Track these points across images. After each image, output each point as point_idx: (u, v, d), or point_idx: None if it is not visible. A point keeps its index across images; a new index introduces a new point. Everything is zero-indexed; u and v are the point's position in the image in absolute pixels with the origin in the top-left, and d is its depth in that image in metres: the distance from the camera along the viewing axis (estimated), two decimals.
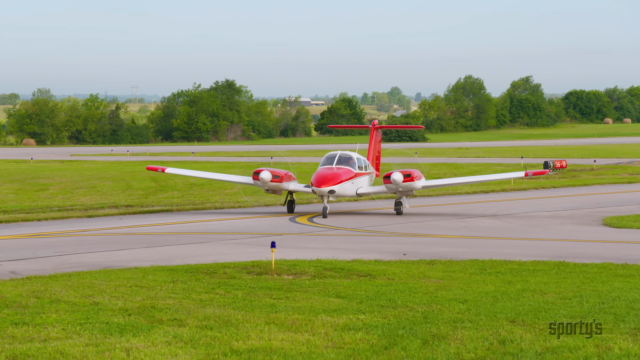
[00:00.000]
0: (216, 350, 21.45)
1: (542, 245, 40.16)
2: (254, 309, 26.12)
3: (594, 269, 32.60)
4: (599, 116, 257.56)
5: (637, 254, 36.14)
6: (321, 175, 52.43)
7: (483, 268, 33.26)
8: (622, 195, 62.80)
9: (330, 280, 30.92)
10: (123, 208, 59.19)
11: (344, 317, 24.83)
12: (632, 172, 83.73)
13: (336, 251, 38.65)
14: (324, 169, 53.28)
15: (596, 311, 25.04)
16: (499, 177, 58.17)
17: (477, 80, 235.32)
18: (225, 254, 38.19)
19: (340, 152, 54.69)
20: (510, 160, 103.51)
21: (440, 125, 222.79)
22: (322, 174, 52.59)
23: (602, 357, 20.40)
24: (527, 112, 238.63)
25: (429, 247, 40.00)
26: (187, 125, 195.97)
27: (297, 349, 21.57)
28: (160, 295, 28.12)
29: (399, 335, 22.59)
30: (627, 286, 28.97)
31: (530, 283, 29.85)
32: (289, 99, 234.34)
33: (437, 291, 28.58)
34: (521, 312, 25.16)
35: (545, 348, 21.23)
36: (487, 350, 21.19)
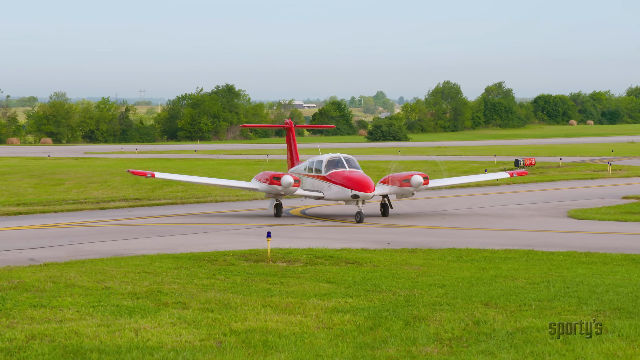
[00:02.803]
0: (217, 331, 21.45)
1: (513, 235, 40.18)
2: (251, 293, 26.11)
3: (559, 256, 32.62)
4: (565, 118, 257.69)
5: (599, 243, 36.19)
6: (361, 179, 46.06)
7: (460, 256, 33.27)
8: (585, 190, 62.87)
9: (320, 267, 30.92)
10: (132, 201, 59.12)
11: (334, 300, 24.84)
12: (594, 169, 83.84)
13: (326, 241, 38.65)
14: (355, 173, 47.00)
15: (562, 295, 25.08)
16: (488, 177, 56.48)
17: (454, 85, 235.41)
18: (225, 242, 38.16)
19: (342, 155, 48.71)
20: (485, 158, 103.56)
21: (421, 126, 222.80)
22: (359, 178, 46.24)
23: (566, 336, 20.41)
24: (500, 115, 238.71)
25: (410, 237, 40.01)
26: (191, 126, 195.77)
27: (291, 329, 21.59)
28: (166, 281, 28.11)
29: (383, 317, 22.61)
30: (590, 272, 29.02)
31: (502, 269, 29.87)
32: (283, 102, 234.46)
33: (418, 277, 28.60)
34: (494, 295, 25.19)
35: (516, 328, 21.26)
36: (463, 331, 21.22)
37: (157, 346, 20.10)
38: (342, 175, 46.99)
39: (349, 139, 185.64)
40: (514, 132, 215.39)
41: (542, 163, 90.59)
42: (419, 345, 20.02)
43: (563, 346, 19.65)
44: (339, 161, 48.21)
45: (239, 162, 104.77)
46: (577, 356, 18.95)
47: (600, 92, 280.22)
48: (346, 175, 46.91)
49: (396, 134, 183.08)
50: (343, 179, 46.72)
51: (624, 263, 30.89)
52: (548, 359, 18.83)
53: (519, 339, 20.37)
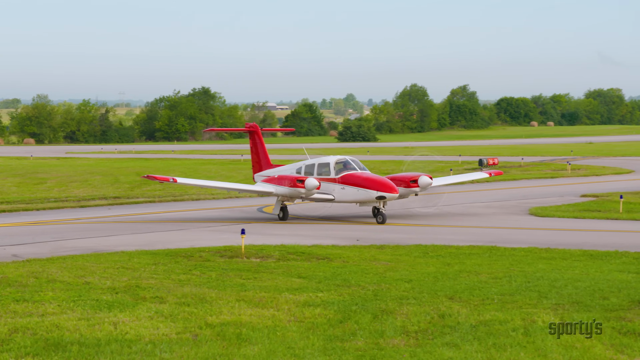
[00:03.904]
0: (193, 324, 21.41)
1: (476, 232, 40.32)
2: (226, 287, 26.08)
3: (521, 252, 32.76)
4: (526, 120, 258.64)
5: (558, 240, 36.37)
6: (384, 181, 43.94)
7: (426, 252, 33.35)
8: (545, 188, 63.16)
9: (293, 263, 30.91)
10: (111, 199, 58.86)
11: (305, 295, 24.84)
12: (554, 168, 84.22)
13: (298, 237, 38.64)
14: (373, 175, 45.29)
15: (523, 289, 25.19)
16: (468, 177, 54.80)
17: (421, 88, 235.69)
18: (201, 239, 38.07)
19: (348, 157, 46.73)
20: (450, 157, 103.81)
21: (389, 127, 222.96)
22: (382, 180, 44.16)
23: (527, 329, 20.54)
24: (464, 116, 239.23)
25: (378, 234, 40.06)
26: (168, 127, 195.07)
27: (264, 322, 21.57)
28: (144, 276, 28.02)
29: (352, 311, 22.63)
30: (550, 267, 29.18)
31: (466, 265, 29.97)
32: (257, 103, 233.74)
33: (386, 272, 28.65)
34: (458, 290, 25.27)
35: (479, 321, 21.34)
36: (429, 324, 21.27)
37: (135, 339, 20.05)
38: (361, 177, 44.65)
39: (320, 140, 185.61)
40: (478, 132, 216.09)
41: (504, 163, 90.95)
42: (386, 338, 20.07)
43: (524, 338, 19.75)
44: (347, 163, 46.01)
45: (215, 162, 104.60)
46: (537, 348, 19.05)
47: (560, 94, 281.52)
48: (366, 176, 44.67)
49: (365, 134, 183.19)
50: (364, 180, 44.38)
51: (582, 258, 31.06)
52: (510, 350, 18.92)
53: (482, 331, 20.45)
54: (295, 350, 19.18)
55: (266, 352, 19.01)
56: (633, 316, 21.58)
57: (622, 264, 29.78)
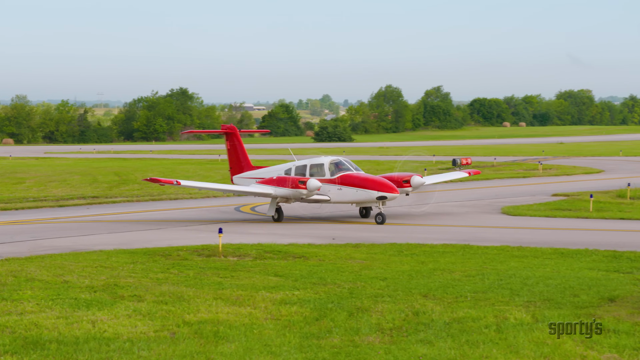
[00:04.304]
0: (170, 322, 21.37)
1: (450, 230, 40.42)
2: (204, 286, 26.03)
3: (493, 250, 32.87)
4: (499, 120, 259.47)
5: (530, 238, 36.51)
6: (384, 181, 43.28)
7: (400, 250, 33.40)
8: (517, 187, 63.42)
9: (269, 261, 30.89)
10: (90, 199, 58.61)
11: (281, 293, 24.83)
12: (526, 168, 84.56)
13: (275, 236, 38.61)
14: (371, 175, 45.00)
15: (495, 287, 25.28)
16: (449, 176, 53.63)
17: (396, 89, 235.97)
18: (179, 238, 37.97)
19: (342, 158, 45.96)
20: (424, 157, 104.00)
21: (365, 128, 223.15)
22: (382, 180, 43.48)
23: (499, 325, 20.62)
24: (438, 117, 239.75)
25: (354, 233, 40.09)
26: (146, 127, 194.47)
27: (241, 320, 21.56)
28: (122, 275, 27.92)
29: (328, 309, 22.65)
30: (522, 265, 29.29)
31: (440, 263, 30.04)
32: (234, 104, 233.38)
33: (361, 270, 28.67)
34: (432, 288, 25.33)
35: (453, 318, 21.41)
36: (403, 321, 21.32)
37: (113, 337, 19.99)
38: (359, 178, 43.93)
39: (296, 140, 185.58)
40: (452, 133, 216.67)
41: (477, 162, 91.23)
42: (361, 335, 20.09)
43: (497, 335, 19.83)
44: (341, 163, 45.12)
45: (193, 162, 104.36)
46: (509, 344, 19.14)
47: (531, 95, 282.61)
48: (365, 177, 44.05)
49: (341, 135, 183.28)
50: (363, 181, 43.66)
51: (554, 257, 31.20)
52: (482, 347, 18.99)
53: (455, 328, 20.51)
54: (272, 347, 19.18)
55: (243, 350, 18.99)
56: (602, 313, 21.71)
57: (592, 262, 29.95)
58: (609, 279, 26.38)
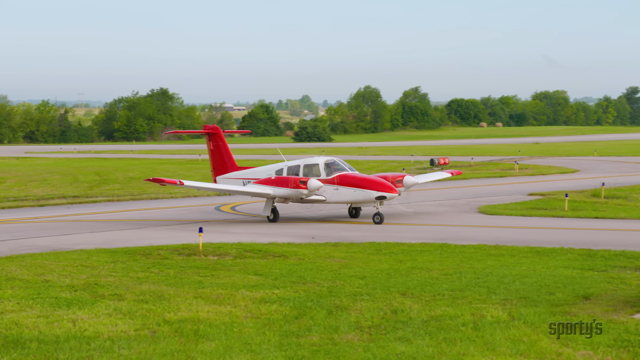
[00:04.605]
0: (151, 321, 21.31)
1: (428, 229, 40.48)
2: (184, 285, 25.97)
3: (471, 249, 32.94)
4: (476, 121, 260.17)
5: (507, 237, 36.62)
6: (383, 181, 42.77)
7: (379, 249, 33.43)
8: (494, 187, 63.62)
9: (249, 260, 30.85)
10: (70, 198, 58.37)
11: (261, 291, 24.81)
12: (502, 167, 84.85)
13: (255, 235, 38.57)
14: (369, 175, 44.37)
15: (472, 285, 25.35)
16: (434, 176, 52.66)
17: (374, 89, 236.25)
18: (159, 237, 37.87)
19: (337, 158, 45.04)
20: (402, 157, 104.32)
21: (344, 128, 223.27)
22: (381, 180, 42.97)
23: (477, 323, 20.68)
24: (416, 117, 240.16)
25: (333, 232, 40.10)
26: (127, 127, 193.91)
27: (221, 319, 21.52)
28: (103, 274, 27.82)
29: (307, 307, 22.65)
30: (498, 264, 29.37)
31: (418, 262, 30.08)
32: (214, 104, 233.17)
33: (341, 269, 28.68)
34: (410, 286, 25.37)
35: (430, 316, 21.45)
36: (382, 319, 21.34)
37: (94, 336, 19.91)
38: (357, 178, 43.31)
39: (276, 140, 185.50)
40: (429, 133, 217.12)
41: (455, 162, 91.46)
42: (340, 333, 20.10)
43: (474, 333, 19.89)
44: (336, 163, 44.28)
45: (173, 162, 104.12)
46: (486, 342, 19.19)
47: (508, 96, 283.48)
48: (363, 177, 43.50)
49: (321, 135, 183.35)
50: (361, 181, 43.04)
51: (530, 255, 31.31)
52: (460, 344, 19.03)
53: (433, 326, 20.55)
54: (252, 345, 19.16)
55: (223, 348, 18.96)
56: (577, 311, 21.82)
57: (567, 260, 30.08)
58: (583, 277, 26.51)
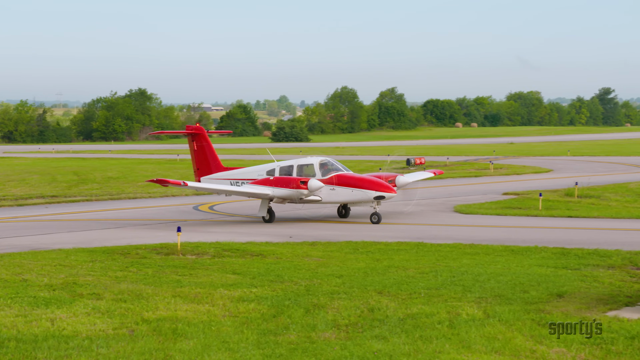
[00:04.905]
0: (129, 320, 21.22)
1: (404, 228, 40.56)
2: (162, 284, 25.89)
3: (446, 248, 33.02)
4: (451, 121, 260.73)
5: (482, 236, 36.75)
6: (381, 181, 42.40)
7: (356, 248, 33.45)
8: (469, 186, 63.82)
9: (227, 260, 30.80)
10: (49, 198, 58.08)
11: (239, 290, 24.77)
12: (477, 167, 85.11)
13: (233, 234, 38.51)
14: (366, 175, 44.02)
15: (448, 283, 25.41)
16: (419, 176, 51.09)
17: (351, 90, 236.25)
18: (137, 237, 37.73)
19: (330, 158, 44.42)
20: (379, 157, 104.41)
21: (321, 128, 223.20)
22: (379, 180, 42.57)
23: (452, 321, 20.73)
24: (393, 117, 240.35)
25: (311, 231, 40.10)
26: (105, 127, 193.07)
27: (199, 317, 21.47)
28: (81, 273, 27.69)
29: (285, 305, 22.63)
30: (474, 262, 29.47)
31: (394, 260, 30.13)
32: (192, 105, 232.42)
33: (318, 268, 28.69)
34: (387, 284, 25.40)
35: (407, 314, 21.48)
36: (359, 317, 21.36)
37: (72, 335, 19.81)
38: (355, 178, 42.89)
39: (254, 140, 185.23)
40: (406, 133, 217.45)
41: (431, 162, 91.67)
42: (318, 331, 20.11)
43: (449, 330, 19.94)
44: (331, 163, 43.77)
45: (152, 162, 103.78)
46: (461, 339, 19.25)
47: (483, 97, 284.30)
48: (360, 177, 43.12)
49: (298, 135, 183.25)
50: (359, 181, 42.58)
51: (504, 254, 31.42)
52: (435, 342, 19.08)
53: (409, 324, 20.59)
54: (230, 344, 19.13)
55: (201, 347, 18.92)
56: (551, 308, 21.93)
57: (542, 258, 30.21)
58: (557, 275, 26.63)
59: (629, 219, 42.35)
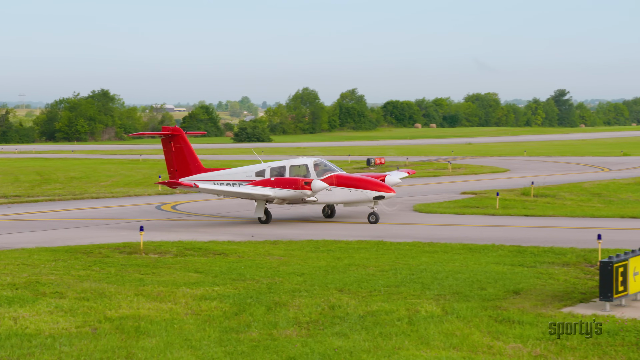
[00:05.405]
0: (92, 318, 21.09)
1: (365, 227, 40.66)
2: (125, 283, 25.75)
3: (406, 246, 33.14)
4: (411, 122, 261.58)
5: (440, 234, 36.93)
6: (380, 182, 42.04)
7: (317, 247, 33.48)
8: (428, 186, 64.08)
9: (190, 258, 30.69)
10: (12, 198, 57.49)
11: (202, 288, 24.71)
12: (436, 167, 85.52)
13: (195, 234, 38.39)
14: (363, 175, 43.32)
15: (407, 281, 25.52)
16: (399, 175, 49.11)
17: (312, 91, 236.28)
18: (100, 236, 37.47)
19: (323, 159, 43.83)
20: (340, 157, 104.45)
21: (283, 129, 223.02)
22: (378, 181, 42.13)
23: (411, 318, 20.83)
24: (353, 118, 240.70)
25: (272, 230, 40.06)
26: (68, 128, 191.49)
27: (162, 316, 21.39)
28: (44, 272, 27.45)
29: (247, 303, 22.61)
30: (432, 260, 29.61)
31: (355, 259, 30.19)
32: (155, 105, 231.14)
33: (279, 266, 28.68)
34: (348, 282, 25.46)
35: (367, 312, 21.55)
36: (320, 315, 21.39)
37: (35, 333, 19.65)
38: (353, 178, 42.40)
39: (216, 140, 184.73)
40: (366, 134, 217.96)
41: (390, 162, 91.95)
42: (279, 329, 20.11)
43: (408, 327, 20.03)
44: (325, 164, 43.13)
45: (114, 162, 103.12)
46: (420, 336, 19.35)
47: (441, 98, 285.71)
48: (359, 177, 42.62)
49: (260, 135, 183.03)
50: (358, 181, 42.04)
51: (462, 252, 31.61)
52: (395, 339, 19.15)
53: (369, 321, 20.66)
54: (192, 341, 19.07)
55: (164, 344, 18.84)
56: (508, 305, 22.11)
57: (498, 256, 30.43)
58: (513, 272, 26.85)
59: (583, 218, 42.77)
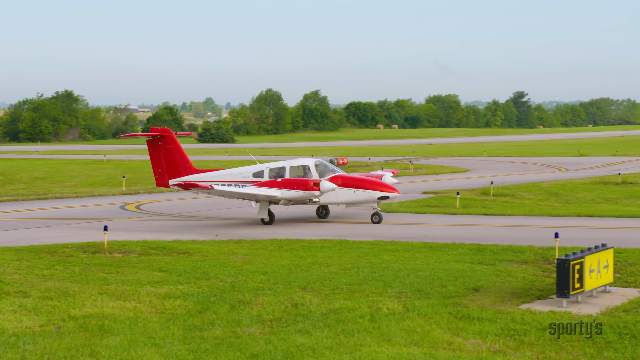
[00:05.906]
0: (56, 317, 20.93)
1: (327, 226, 40.72)
2: (89, 282, 25.58)
3: (368, 245, 33.24)
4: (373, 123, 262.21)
5: (402, 233, 37.07)
6: (384, 182, 41.64)
7: (280, 246, 33.48)
8: None
9: (154, 257, 30.55)
10: None
11: (166, 287, 24.61)
12: (398, 167, 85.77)
13: (160, 233, 38.22)
14: (366, 176, 42.87)
15: (369, 279, 25.59)
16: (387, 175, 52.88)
17: (276, 92, 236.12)
18: (64, 236, 37.18)
19: (322, 160, 43.51)
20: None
21: (246, 129, 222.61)
22: (382, 181, 41.81)
23: (373, 315, 20.90)
24: (317, 119, 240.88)
25: (236, 229, 40.00)
26: (32, 128, 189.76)
27: (126, 314, 21.28)
28: (7, 271, 27.19)
29: (211, 302, 22.56)
30: (394, 259, 29.72)
31: (318, 257, 30.23)
32: (119, 106, 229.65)
33: (243, 265, 28.64)
34: (311, 280, 25.49)
35: (329, 309, 21.58)
36: (283, 312, 21.39)
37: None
38: (356, 179, 41.88)
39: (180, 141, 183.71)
40: (329, 135, 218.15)
41: (353, 162, 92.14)
42: (243, 327, 20.09)
43: (370, 324, 20.09)
44: (326, 164, 42.59)
45: (78, 162, 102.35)
46: (382, 333, 19.41)
47: (403, 100, 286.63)
48: (362, 177, 42.18)
49: (224, 136, 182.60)
50: (361, 181, 41.56)
51: (423, 250, 31.75)
52: (357, 335, 19.21)
53: (332, 318, 20.69)
54: (156, 340, 18.99)
55: (128, 342, 18.75)
56: (468, 302, 22.25)
57: (459, 254, 30.62)
58: (473, 270, 27.02)
59: (541, 217, 43.14)
